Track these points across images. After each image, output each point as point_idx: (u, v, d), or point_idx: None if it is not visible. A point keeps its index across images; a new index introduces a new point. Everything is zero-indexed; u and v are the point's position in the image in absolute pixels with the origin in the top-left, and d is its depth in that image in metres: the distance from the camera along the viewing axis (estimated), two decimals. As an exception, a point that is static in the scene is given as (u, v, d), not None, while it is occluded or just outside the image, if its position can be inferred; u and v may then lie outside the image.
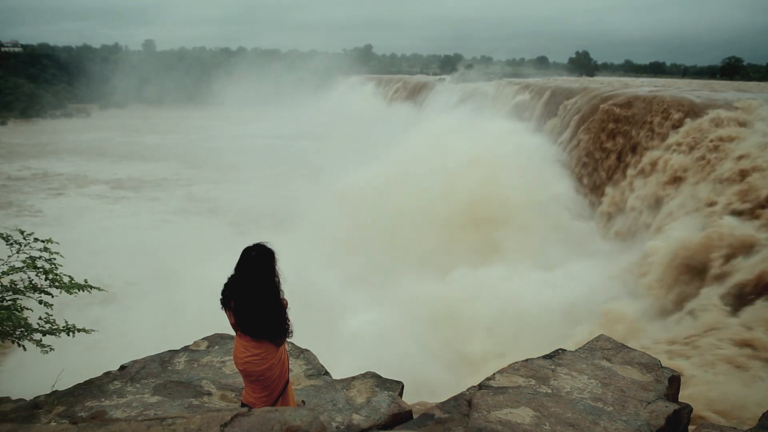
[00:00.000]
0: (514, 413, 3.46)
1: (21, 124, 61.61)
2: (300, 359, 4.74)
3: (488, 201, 16.27)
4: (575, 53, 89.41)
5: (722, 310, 8.55)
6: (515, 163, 17.59)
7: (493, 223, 15.77)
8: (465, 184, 16.78)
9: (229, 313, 3.31)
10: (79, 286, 4.09)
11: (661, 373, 3.98)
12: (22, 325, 3.88)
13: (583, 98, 20.50)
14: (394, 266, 14.47)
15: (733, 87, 23.00)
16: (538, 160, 17.98)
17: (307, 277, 11.50)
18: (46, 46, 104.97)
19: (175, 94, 78.58)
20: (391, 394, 4.22)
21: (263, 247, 3.25)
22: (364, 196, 18.08)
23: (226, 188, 31.08)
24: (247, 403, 3.39)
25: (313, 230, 17.97)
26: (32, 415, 3.73)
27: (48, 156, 41.07)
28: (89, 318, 9.71)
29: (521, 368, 4.09)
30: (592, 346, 4.42)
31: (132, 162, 38.52)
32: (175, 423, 2.75)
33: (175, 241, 19.45)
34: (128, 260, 17.12)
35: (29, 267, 4.01)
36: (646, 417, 3.43)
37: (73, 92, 77.19)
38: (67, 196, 29.55)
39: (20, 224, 22.39)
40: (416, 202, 16.84)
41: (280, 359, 3.38)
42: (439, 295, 12.63)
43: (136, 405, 3.92)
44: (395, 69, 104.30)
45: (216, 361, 4.70)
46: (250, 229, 20.80)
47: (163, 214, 25.86)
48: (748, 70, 75.75)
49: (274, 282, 3.25)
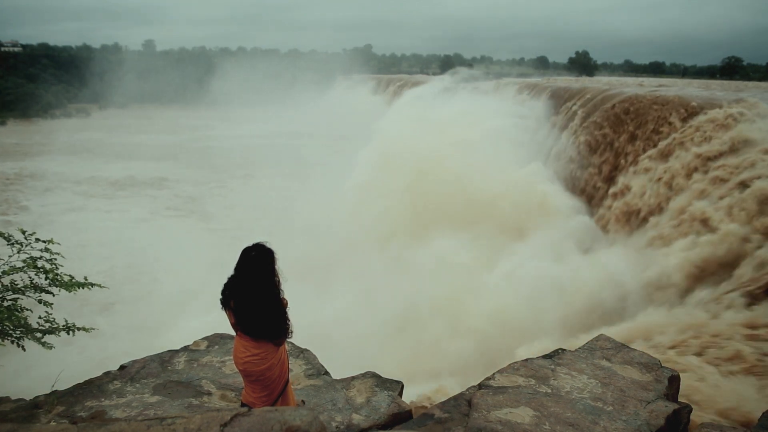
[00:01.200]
0: (514, 413, 3.46)
1: (20, 124, 61.66)
2: (300, 359, 4.74)
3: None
4: (575, 53, 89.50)
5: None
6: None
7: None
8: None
9: (229, 313, 3.31)
10: (79, 284, 4.09)
11: (660, 372, 3.98)
12: (21, 324, 3.88)
13: (583, 98, 20.52)
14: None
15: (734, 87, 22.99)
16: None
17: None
18: (46, 46, 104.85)
19: (175, 94, 78.58)
20: (391, 393, 4.22)
21: (263, 247, 3.25)
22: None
23: (215, 187, 31.56)
24: (247, 403, 3.39)
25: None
26: (32, 415, 3.73)
27: (41, 156, 41.42)
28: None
29: (521, 368, 4.09)
30: (591, 346, 4.42)
31: (127, 162, 38.79)
32: (175, 423, 2.75)
33: (153, 238, 20.32)
34: (101, 254, 18.10)
35: (30, 267, 4.01)
36: (646, 417, 3.43)
37: (73, 92, 77.09)
38: (56, 193, 30.00)
39: (2, 219, 22.95)
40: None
41: (280, 359, 3.38)
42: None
43: (136, 405, 3.92)
44: (395, 69, 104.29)
45: (216, 360, 4.70)
46: (221, 225, 22.94)
47: (147, 212, 26.41)
48: (748, 69, 75.86)
49: (274, 282, 3.25)
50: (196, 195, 29.65)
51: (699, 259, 10.04)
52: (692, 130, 13.50)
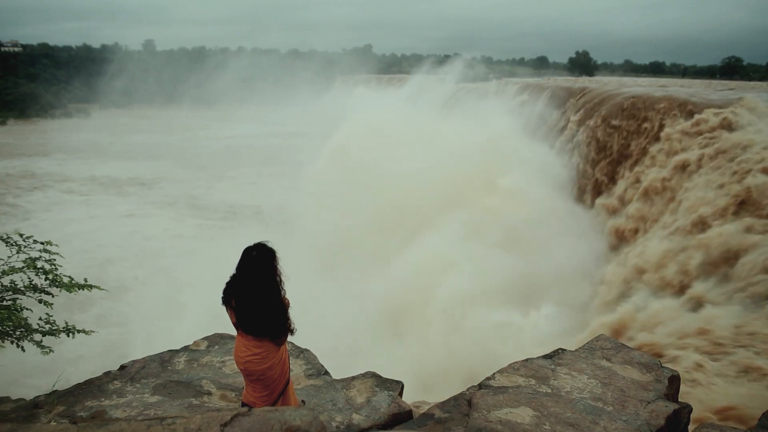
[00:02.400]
0: (514, 413, 3.46)
1: (20, 124, 61.69)
2: (300, 359, 4.74)
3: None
4: (575, 53, 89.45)
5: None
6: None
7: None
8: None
9: (230, 312, 3.31)
10: (79, 286, 4.09)
11: (660, 372, 3.98)
12: (22, 325, 3.88)
13: (583, 98, 20.53)
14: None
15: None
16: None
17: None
18: (46, 46, 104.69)
19: (175, 93, 78.48)
20: (391, 393, 4.22)
21: (264, 247, 3.25)
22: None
23: (202, 185, 32.39)
24: (248, 403, 3.39)
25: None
26: (32, 415, 3.73)
27: (35, 155, 41.84)
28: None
29: (521, 368, 4.09)
30: (591, 346, 4.42)
31: (124, 162, 39.06)
32: (175, 423, 2.75)
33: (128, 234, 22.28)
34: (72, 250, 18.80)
35: (29, 267, 4.01)
36: (646, 417, 3.43)
37: (73, 92, 77.06)
38: (43, 191, 30.59)
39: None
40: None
41: (281, 359, 3.38)
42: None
43: (136, 405, 3.92)
44: (395, 69, 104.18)
45: (216, 360, 4.70)
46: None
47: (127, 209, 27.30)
48: (748, 69, 75.81)
49: (275, 281, 3.25)
50: (181, 192, 30.76)
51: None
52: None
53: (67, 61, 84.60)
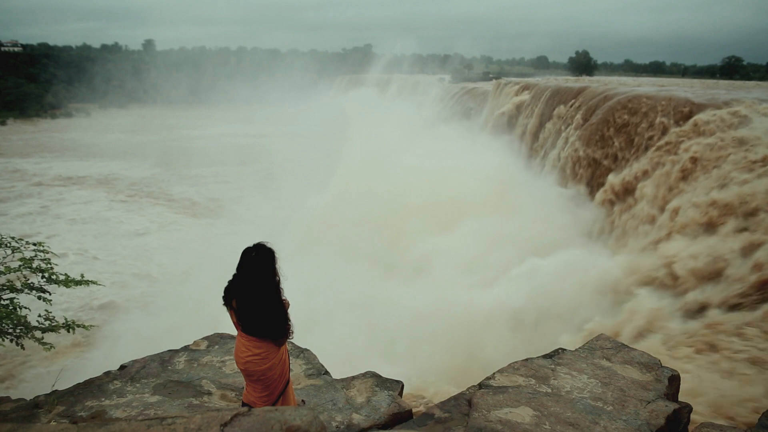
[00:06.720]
0: (514, 413, 3.45)
1: (20, 124, 61.70)
2: (300, 359, 4.73)
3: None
4: (575, 53, 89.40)
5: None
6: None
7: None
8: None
9: (231, 312, 3.31)
10: (76, 282, 4.11)
11: (660, 372, 3.98)
12: (21, 323, 3.89)
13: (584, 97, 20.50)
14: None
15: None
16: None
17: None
18: (46, 46, 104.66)
19: (175, 93, 78.61)
20: (391, 393, 4.21)
21: (264, 247, 3.25)
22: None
23: (186, 183, 33.31)
24: (248, 403, 3.39)
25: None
26: (32, 415, 3.73)
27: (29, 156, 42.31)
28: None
29: (521, 368, 4.09)
30: (591, 346, 4.41)
31: (116, 161, 39.29)
32: (175, 423, 2.75)
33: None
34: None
35: (25, 267, 4.02)
36: (646, 416, 3.43)
37: (73, 92, 77.14)
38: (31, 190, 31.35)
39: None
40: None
41: (281, 359, 3.38)
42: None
43: (136, 405, 3.92)
44: (395, 68, 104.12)
45: (216, 360, 4.69)
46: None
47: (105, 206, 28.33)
48: (748, 69, 75.81)
49: (275, 282, 3.25)
50: (164, 189, 31.87)
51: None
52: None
53: (67, 61, 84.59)
